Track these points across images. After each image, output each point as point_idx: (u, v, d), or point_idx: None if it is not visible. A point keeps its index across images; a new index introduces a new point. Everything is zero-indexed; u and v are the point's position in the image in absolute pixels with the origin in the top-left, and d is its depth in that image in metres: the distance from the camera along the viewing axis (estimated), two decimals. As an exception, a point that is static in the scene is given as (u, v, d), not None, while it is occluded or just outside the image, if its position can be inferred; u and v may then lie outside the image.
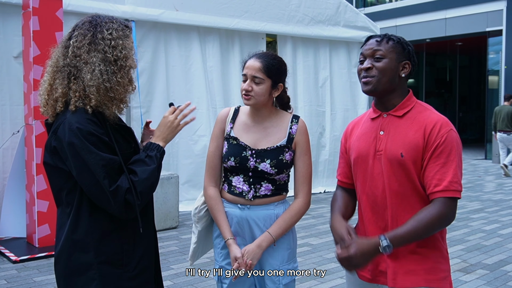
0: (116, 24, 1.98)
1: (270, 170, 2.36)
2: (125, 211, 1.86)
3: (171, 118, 2.09)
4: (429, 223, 1.89)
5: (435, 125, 1.97)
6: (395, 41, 2.07)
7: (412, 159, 1.96)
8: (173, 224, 6.40)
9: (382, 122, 2.08)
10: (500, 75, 14.82)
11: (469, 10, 15.44)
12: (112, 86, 1.91)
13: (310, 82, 8.83)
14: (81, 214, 1.90)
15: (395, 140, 2.01)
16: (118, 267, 1.93)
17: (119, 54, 1.94)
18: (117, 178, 1.85)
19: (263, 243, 2.34)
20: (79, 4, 6.25)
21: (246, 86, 2.36)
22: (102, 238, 1.91)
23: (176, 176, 6.44)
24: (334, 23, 9.00)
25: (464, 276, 4.70)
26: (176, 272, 4.77)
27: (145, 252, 2.02)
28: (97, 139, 1.83)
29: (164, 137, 2.07)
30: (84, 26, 1.96)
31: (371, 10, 18.54)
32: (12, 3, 5.87)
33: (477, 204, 8.13)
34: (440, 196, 1.91)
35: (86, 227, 1.89)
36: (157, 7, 7.02)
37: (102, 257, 1.90)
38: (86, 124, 1.83)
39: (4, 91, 6.03)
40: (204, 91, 7.55)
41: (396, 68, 2.03)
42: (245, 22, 7.88)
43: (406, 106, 2.07)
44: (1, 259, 5.13)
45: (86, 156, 1.80)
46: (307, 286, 4.47)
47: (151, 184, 1.93)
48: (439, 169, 1.93)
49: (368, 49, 2.06)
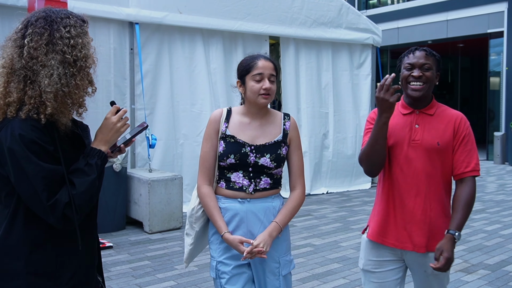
0: (73, 20, 1.82)
1: (270, 164, 2.45)
2: (63, 224, 1.74)
3: (114, 120, 1.91)
4: (471, 201, 2.46)
5: (461, 119, 2.52)
6: (434, 55, 2.54)
7: (445, 146, 2.48)
8: (177, 225, 6.43)
9: (416, 118, 2.55)
10: (501, 76, 14.82)
11: (471, 12, 15.45)
12: (71, 91, 1.78)
13: (313, 83, 8.87)
14: (17, 219, 1.77)
15: (431, 132, 2.50)
16: (50, 279, 1.79)
17: (78, 54, 1.80)
18: (58, 190, 1.73)
19: (274, 232, 2.41)
20: (84, 7, 6.24)
21: (268, 85, 2.43)
22: (36, 248, 1.78)
23: (180, 177, 6.48)
24: (337, 25, 9.04)
25: (465, 276, 4.73)
26: (180, 273, 4.80)
27: (81, 265, 1.88)
28: (39, 148, 1.71)
29: (106, 140, 1.90)
30: (38, 23, 1.78)
31: (373, 12, 18.56)
32: (18, 6, 5.90)
33: (479, 205, 8.15)
34: (469, 175, 2.48)
35: (19, 234, 1.77)
36: (161, 10, 7.05)
37: (33, 267, 1.77)
38: (29, 131, 1.70)
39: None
40: (207, 93, 7.58)
41: (435, 77, 2.52)
42: (248, 25, 7.92)
43: (434, 105, 2.57)
44: None
45: (26, 165, 1.68)
46: (310, 286, 4.51)
47: (90, 196, 1.79)
48: (468, 154, 2.48)
49: (418, 61, 2.49)
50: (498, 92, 15.06)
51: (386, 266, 2.58)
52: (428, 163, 2.48)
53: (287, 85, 8.62)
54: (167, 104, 7.28)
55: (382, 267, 2.59)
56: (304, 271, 4.85)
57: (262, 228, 2.44)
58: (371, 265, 2.62)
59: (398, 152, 2.52)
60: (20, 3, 5.89)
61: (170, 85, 7.32)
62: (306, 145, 8.66)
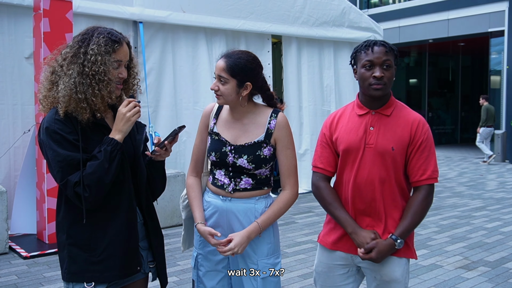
0: (102, 40, 2.08)
1: (247, 166, 2.39)
2: (78, 201, 2.03)
3: (124, 111, 2.14)
4: (422, 210, 2.33)
5: (419, 124, 2.34)
6: (394, 50, 2.34)
7: (400, 152, 2.32)
8: (179, 221, 6.49)
9: (371, 119, 2.37)
10: (502, 75, 14.87)
11: (472, 11, 15.49)
12: (88, 97, 2.05)
13: (315, 82, 8.91)
14: (62, 199, 2.15)
15: (386, 135, 2.33)
16: (85, 251, 2.11)
17: (97, 69, 2.06)
18: (72, 173, 2.02)
19: (252, 234, 2.35)
20: (89, 6, 6.33)
21: (212, 86, 2.43)
22: (74, 223, 2.11)
23: (183, 174, 6.52)
24: (339, 24, 9.09)
25: (466, 273, 4.77)
26: (182, 268, 4.85)
27: (114, 239, 2.14)
28: (60, 137, 2.01)
29: (119, 129, 2.12)
30: (78, 37, 2.12)
31: (374, 12, 18.58)
32: (24, 5, 5.96)
33: (479, 202, 8.20)
34: (425, 184, 2.33)
35: (63, 211, 2.14)
36: (164, 9, 7.10)
37: (72, 239, 2.12)
38: (53, 123, 2.03)
39: (16, 91, 6.12)
40: (210, 91, 7.56)
41: (394, 74, 2.35)
42: (251, 23, 7.96)
43: (391, 105, 2.38)
44: (12, 255, 5.22)
45: (48, 151, 2.02)
46: (310, 282, 4.55)
47: (98, 177, 2.02)
48: (424, 161, 2.32)
49: (378, 57, 2.28)
50: (499, 90, 15.11)
51: (337, 271, 2.48)
52: (382, 168, 2.32)
53: (289, 83, 8.67)
54: (170, 102, 7.33)
55: (332, 271, 2.49)
56: (305, 267, 4.91)
57: (241, 229, 2.40)
58: (321, 267, 2.54)
59: (353, 158, 2.37)
60: (26, 3, 5.95)
61: (173, 83, 7.37)
62: (308, 143, 8.72)
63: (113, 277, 2.16)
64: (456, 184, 10.29)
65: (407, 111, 2.40)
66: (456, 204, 8.15)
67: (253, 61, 2.42)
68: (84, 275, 2.11)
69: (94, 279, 2.12)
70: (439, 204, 8.12)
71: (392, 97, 2.40)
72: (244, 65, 2.37)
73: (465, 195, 8.95)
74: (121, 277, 2.20)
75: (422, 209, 2.33)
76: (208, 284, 2.50)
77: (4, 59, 6.04)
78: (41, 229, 5.59)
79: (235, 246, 2.30)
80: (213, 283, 2.50)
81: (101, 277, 2.13)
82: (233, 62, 2.37)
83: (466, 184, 10.31)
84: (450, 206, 7.96)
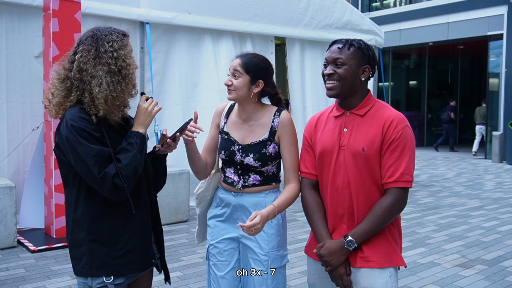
0: (115, 36, 2.16)
1: (254, 164, 2.51)
2: (115, 194, 2.06)
3: (145, 105, 2.25)
4: (383, 215, 2.13)
5: (392, 122, 2.16)
6: (355, 47, 2.24)
7: (372, 152, 2.16)
8: (183, 218, 6.60)
9: (345, 120, 2.27)
10: (500, 77, 14.95)
11: (471, 15, 15.57)
12: (118, 95, 2.12)
13: (318, 83, 8.97)
14: (80, 196, 2.13)
15: (358, 136, 2.20)
16: (107, 246, 2.14)
17: (122, 64, 2.13)
18: (106, 166, 2.05)
19: (270, 215, 2.37)
20: (97, 7, 6.42)
21: (226, 81, 2.53)
22: (94, 219, 2.13)
23: (187, 172, 6.60)
24: (341, 26, 9.19)
25: (463, 271, 4.83)
26: (186, 264, 4.89)
27: (134, 234, 2.19)
28: (88, 134, 2.05)
29: (143, 123, 2.23)
30: (87, 41, 2.14)
31: (376, 15, 18.65)
32: (34, 6, 6.05)
33: (477, 202, 8.27)
34: (393, 186, 2.14)
35: (82, 208, 2.13)
36: (170, 10, 7.18)
37: (93, 235, 2.13)
38: (78, 121, 2.06)
39: (25, 89, 6.20)
40: (216, 92, 7.68)
41: (356, 73, 2.22)
42: (255, 25, 8.05)
43: (366, 105, 2.26)
44: (20, 249, 5.29)
45: (78, 148, 2.03)
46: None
47: (134, 167, 2.10)
48: (394, 162, 2.14)
49: (330, 56, 2.26)
50: (497, 92, 15.17)
51: (328, 281, 2.33)
52: (356, 172, 2.18)
53: (293, 84, 8.76)
54: (176, 101, 7.41)
55: (323, 282, 2.39)
56: (305, 264, 4.91)
57: None
58: (312, 279, 2.47)
59: (328, 161, 2.27)
60: (35, 3, 6.03)
61: (179, 83, 7.45)
62: (310, 142, 8.82)
63: (135, 270, 2.22)
64: (454, 184, 10.37)
65: (383, 110, 2.24)
66: (454, 203, 8.23)
67: (266, 61, 2.60)
68: (105, 269, 2.15)
69: (115, 273, 2.16)
70: (437, 203, 8.22)
71: (369, 97, 2.28)
72: (258, 63, 2.53)
73: (463, 195, 9.03)
74: (141, 270, 2.27)
75: (386, 215, 2.13)
76: (218, 273, 2.63)
77: (14, 58, 6.13)
78: (49, 224, 5.67)
79: (260, 221, 2.27)
80: (222, 273, 2.62)
81: (123, 271, 2.17)
82: (248, 59, 2.54)
83: (464, 184, 10.38)
84: (448, 205, 8.04)
